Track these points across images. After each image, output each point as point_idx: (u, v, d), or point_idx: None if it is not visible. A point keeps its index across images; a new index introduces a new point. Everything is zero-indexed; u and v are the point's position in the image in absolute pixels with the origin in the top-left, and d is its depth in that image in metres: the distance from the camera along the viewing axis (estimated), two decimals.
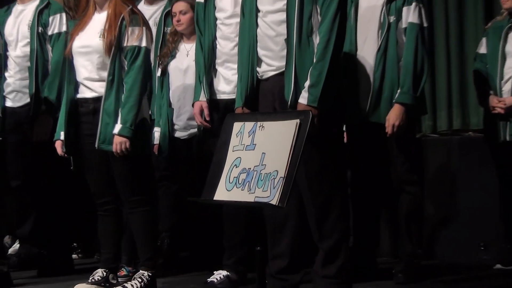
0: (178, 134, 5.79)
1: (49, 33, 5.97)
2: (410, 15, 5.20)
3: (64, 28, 5.95)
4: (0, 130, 5.72)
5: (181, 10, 5.64)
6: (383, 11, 5.21)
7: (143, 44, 4.89)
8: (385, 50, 5.21)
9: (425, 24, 5.26)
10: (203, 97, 5.10)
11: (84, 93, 4.99)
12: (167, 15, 5.89)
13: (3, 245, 5.82)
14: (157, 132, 5.77)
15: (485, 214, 6.13)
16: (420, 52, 5.18)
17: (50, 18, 5.97)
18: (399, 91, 5.16)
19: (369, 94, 5.21)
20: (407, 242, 5.36)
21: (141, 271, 4.95)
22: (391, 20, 5.21)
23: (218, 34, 5.08)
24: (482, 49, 5.94)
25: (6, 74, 5.91)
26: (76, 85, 5.02)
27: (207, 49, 5.09)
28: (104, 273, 4.99)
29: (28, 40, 5.95)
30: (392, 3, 5.21)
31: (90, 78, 4.95)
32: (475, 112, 6.80)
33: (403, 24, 5.21)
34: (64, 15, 6.00)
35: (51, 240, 6.08)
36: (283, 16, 4.30)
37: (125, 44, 4.88)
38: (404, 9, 5.21)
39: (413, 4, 5.20)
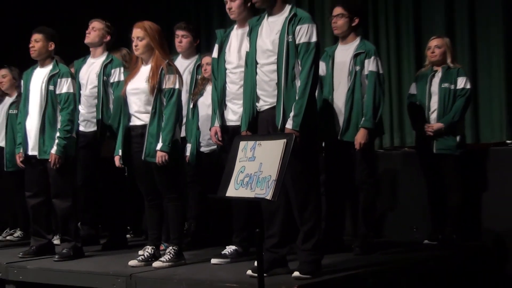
0: (203, 149, 5.74)
1: (111, 81, 5.99)
2: (370, 65, 5.22)
3: (122, 78, 5.95)
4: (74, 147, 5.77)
5: (207, 62, 5.62)
6: (351, 63, 5.23)
7: (177, 86, 4.89)
8: (353, 91, 5.22)
9: (381, 71, 5.29)
10: (217, 124, 5.06)
11: (134, 121, 4.98)
12: (198, 66, 5.84)
13: (78, 228, 5.78)
14: (188, 147, 5.73)
15: (417, 206, 6.14)
16: (377, 91, 5.21)
17: (112, 71, 6.00)
18: (363, 119, 5.18)
19: (342, 121, 5.23)
20: (363, 225, 5.35)
21: (170, 246, 4.92)
22: (357, 69, 5.22)
23: (227, 79, 5.02)
24: (413, 90, 5.94)
25: (80, 107, 5.93)
26: (129, 116, 5.01)
27: (219, 89, 5.04)
28: (152, 250, 4.95)
29: (95, 84, 5.98)
30: (358, 57, 5.23)
31: (139, 111, 4.94)
32: (409, 134, 6.83)
33: (365, 71, 5.23)
34: (122, 68, 6.03)
35: (112, 224, 6.11)
36: (274, 67, 4.31)
37: (164, 87, 4.86)
38: (366, 61, 5.22)
39: (372, 57, 5.23)
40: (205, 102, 5.68)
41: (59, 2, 8.85)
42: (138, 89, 4.93)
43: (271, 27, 4.38)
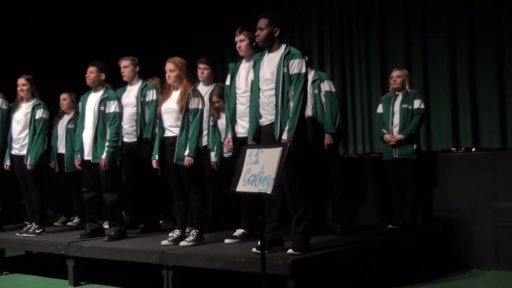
0: (225, 155, 5.62)
1: (147, 100, 6.02)
2: (324, 87, 5.29)
3: (154, 97, 5.99)
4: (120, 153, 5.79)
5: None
6: (311, 88, 5.24)
7: (200, 107, 4.91)
8: (316, 109, 5.27)
9: (333, 90, 5.33)
10: (229, 135, 5.05)
11: (167, 133, 5.00)
12: None
13: (122, 216, 5.81)
14: (212, 154, 5.66)
15: (383, 198, 6.15)
16: (333, 105, 5.26)
17: (147, 92, 6.03)
18: (326, 127, 5.24)
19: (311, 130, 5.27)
20: (341, 213, 5.35)
21: (193, 230, 4.94)
22: (316, 92, 5.28)
23: (237, 101, 5.02)
24: (379, 110, 5.95)
25: (122, 123, 5.93)
26: (163, 130, 5.03)
27: (231, 109, 5.04)
28: (179, 232, 4.97)
29: (134, 104, 6.00)
30: (314, 83, 5.28)
31: (171, 126, 4.97)
32: (377, 143, 6.84)
33: (322, 92, 5.28)
34: (154, 91, 6.07)
35: (148, 212, 6.11)
36: (273, 92, 4.33)
37: (190, 107, 4.89)
38: (321, 84, 5.29)
39: (325, 81, 5.30)
40: (223, 122, 5.63)
41: (108, 40, 8.94)
42: (170, 108, 4.96)
43: (271, 61, 4.41)
